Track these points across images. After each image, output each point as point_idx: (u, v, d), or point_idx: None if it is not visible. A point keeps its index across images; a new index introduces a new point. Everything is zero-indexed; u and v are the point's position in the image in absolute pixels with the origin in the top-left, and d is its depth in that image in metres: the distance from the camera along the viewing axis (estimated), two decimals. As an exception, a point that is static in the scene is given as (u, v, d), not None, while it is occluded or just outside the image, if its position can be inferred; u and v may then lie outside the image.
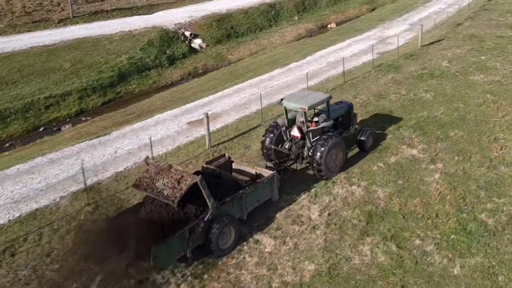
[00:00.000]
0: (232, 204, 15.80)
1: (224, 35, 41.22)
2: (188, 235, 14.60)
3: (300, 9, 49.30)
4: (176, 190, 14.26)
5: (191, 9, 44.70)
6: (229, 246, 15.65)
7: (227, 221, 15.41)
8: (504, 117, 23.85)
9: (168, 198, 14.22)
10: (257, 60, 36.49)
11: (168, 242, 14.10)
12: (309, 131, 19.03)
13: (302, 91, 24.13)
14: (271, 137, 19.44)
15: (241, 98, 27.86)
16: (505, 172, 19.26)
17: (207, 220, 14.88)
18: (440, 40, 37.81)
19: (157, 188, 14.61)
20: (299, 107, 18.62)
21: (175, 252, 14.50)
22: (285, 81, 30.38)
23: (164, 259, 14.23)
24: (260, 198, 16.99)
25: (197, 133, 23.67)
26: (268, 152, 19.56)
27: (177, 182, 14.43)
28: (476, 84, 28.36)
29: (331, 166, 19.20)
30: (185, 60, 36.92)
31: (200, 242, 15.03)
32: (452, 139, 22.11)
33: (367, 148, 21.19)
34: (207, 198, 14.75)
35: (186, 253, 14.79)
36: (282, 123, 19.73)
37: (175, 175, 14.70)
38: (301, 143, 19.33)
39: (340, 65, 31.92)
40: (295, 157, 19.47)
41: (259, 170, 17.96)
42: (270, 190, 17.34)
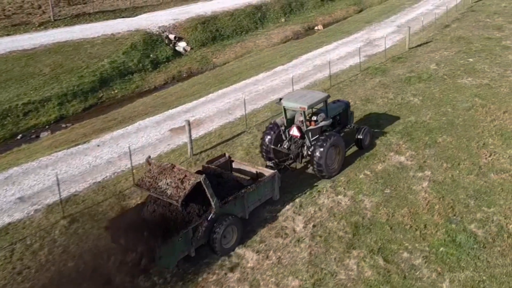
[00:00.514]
0: (235, 203, 15.78)
1: (209, 38, 40.54)
2: (192, 235, 14.60)
3: (286, 11, 48.73)
4: (179, 189, 14.25)
5: (176, 11, 43.96)
6: (232, 245, 15.63)
7: (230, 221, 15.40)
8: (493, 122, 23.39)
9: (172, 197, 14.19)
10: (243, 63, 35.85)
11: (172, 242, 14.07)
12: (309, 130, 19.00)
13: (300, 90, 24.32)
14: (270, 137, 19.39)
15: (225, 104, 27.19)
16: (494, 179, 18.75)
17: (210, 220, 14.90)
18: (427, 42, 37.38)
19: (160, 188, 14.60)
20: (299, 107, 18.60)
21: (179, 252, 14.45)
22: (270, 85, 29.76)
23: (168, 259, 14.19)
24: (262, 197, 16.97)
25: (179, 140, 22.97)
26: (267, 151, 19.51)
27: (181, 181, 14.44)
28: (465, 87, 27.91)
29: (331, 164, 19.20)
30: (169, 63, 36.18)
31: (203, 241, 15.01)
32: (440, 145, 21.60)
33: (365, 146, 21.23)
34: (211, 198, 14.73)
35: (189, 252, 14.73)
36: (281, 123, 19.72)
37: (178, 174, 14.70)
38: (300, 143, 19.34)
39: (326, 68, 31.36)
40: (294, 156, 19.45)
41: (260, 169, 17.95)
42: (271, 189, 17.32)
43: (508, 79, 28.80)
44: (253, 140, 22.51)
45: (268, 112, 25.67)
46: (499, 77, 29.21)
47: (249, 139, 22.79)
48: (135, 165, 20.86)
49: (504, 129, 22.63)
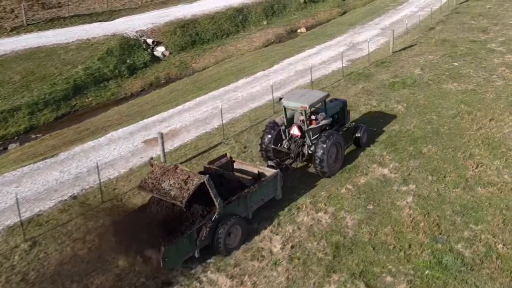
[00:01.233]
0: (238, 203, 15.76)
1: (189, 42, 39.38)
2: (196, 236, 14.59)
3: (269, 13, 47.70)
4: (183, 190, 14.22)
5: (154, 15, 42.73)
6: (236, 245, 15.57)
7: (234, 221, 15.37)
8: (479, 130, 22.56)
9: (176, 198, 14.16)
10: (222, 68, 34.76)
11: (177, 242, 14.01)
12: (309, 129, 19.01)
13: (300, 89, 24.58)
14: (270, 136, 19.32)
15: (203, 113, 26.11)
16: (481, 193, 17.89)
17: (214, 220, 14.88)
18: (412, 45, 36.58)
19: (163, 189, 14.56)
20: (300, 106, 18.60)
21: (183, 253, 14.45)
22: (250, 92, 28.73)
23: (173, 260, 14.13)
24: (264, 197, 16.92)
25: (153, 152, 21.85)
26: (267, 151, 19.46)
27: (184, 182, 14.39)
28: (450, 93, 27.10)
29: (332, 163, 19.21)
30: (146, 69, 34.98)
31: (207, 242, 14.97)
32: (425, 156, 20.72)
33: (363, 144, 21.29)
34: (214, 198, 14.71)
35: (194, 253, 14.70)
36: (281, 122, 19.66)
37: (181, 175, 14.64)
38: (301, 142, 19.28)
39: (309, 74, 30.42)
40: (295, 155, 19.31)
41: (262, 169, 17.91)
42: (273, 188, 17.25)
43: (494, 84, 28.05)
44: (230, 152, 21.41)
45: (247, 122, 24.65)
46: (484, 82, 28.44)
47: (226, 151, 21.66)
48: (105, 181, 19.80)
49: (490, 138, 21.81)
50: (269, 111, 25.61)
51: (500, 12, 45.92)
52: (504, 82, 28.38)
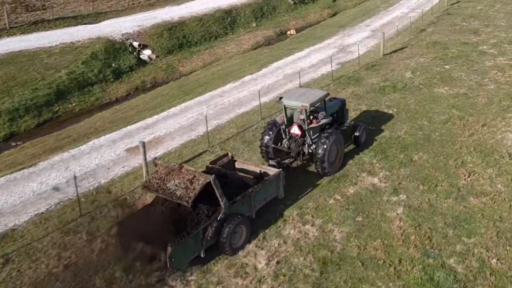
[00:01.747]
0: (242, 202, 15.70)
1: (176, 45, 38.65)
2: (202, 235, 14.53)
3: (258, 15, 47.02)
4: (189, 190, 14.18)
5: (141, 17, 41.95)
6: (241, 245, 15.53)
7: (239, 220, 15.30)
8: (471, 137, 21.98)
9: (182, 198, 14.12)
10: (210, 72, 34.03)
11: (184, 242, 13.92)
12: (310, 128, 19.01)
13: (299, 89, 24.57)
14: (270, 136, 19.29)
15: (188, 119, 25.38)
16: (474, 204, 17.27)
17: (219, 220, 14.82)
18: (403, 48, 36.01)
19: (169, 189, 14.49)
20: (301, 105, 18.59)
21: (190, 253, 14.38)
22: (237, 97, 28.02)
23: (180, 260, 14.05)
24: (267, 196, 16.86)
25: (136, 161, 21.10)
26: (267, 150, 19.40)
27: (190, 182, 14.34)
28: (441, 97, 26.52)
29: (333, 162, 19.17)
30: (132, 73, 34.22)
31: (212, 242, 14.91)
32: (416, 164, 20.10)
33: (361, 143, 21.24)
34: (220, 197, 14.66)
35: (200, 253, 14.63)
36: (281, 122, 19.63)
37: (186, 175, 14.58)
38: (301, 141, 19.27)
39: (298, 77, 29.80)
40: (295, 154, 19.31)
41: (264, 168, 17.81)
42: (276, 188, 17.17)
43: (486, 88, 27.50)
44: (216, 161, 20.73)
45: (233, 128, 23.94)
46: (476, 86, 27.89)
47: (211, 159, 20.93)
48: (84, 192, 19.04)
49: (483, 145, 21.23)
50: (256, 117, 24.94)
51: (491, 13, 45.48)
52: (496, 85, 27.84)
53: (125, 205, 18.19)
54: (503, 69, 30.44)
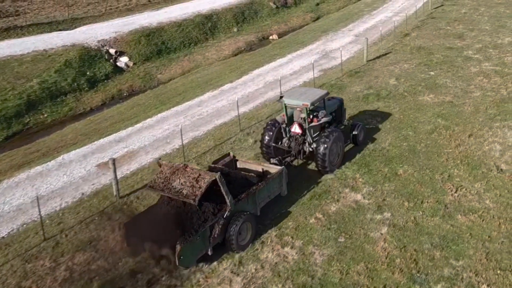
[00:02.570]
0: (247, 200, 15.80)
1: (154, 52, 37.48)
2: (209, 233, 14.64)
3: (239, 20, 46.00)
4: (195, 188, 14.29)
5: (118, 23, 40.72)
6: (247, 242, 15.63)
7: (245, 217, 15.41)
8: (458, 148, 21.13)
9: (188, 197, 14.23)
10: (188, 80, 32.93)
11: (192, 240, 14.01)
12: (310, 127, 19.16)
13: (300, 88, 25.12)
14: (270, 135, 19.44)
15: (164, 131, 24.28)
16: (462, 222, 16.38)
17: (226, 217, 14.93)
18: (387, 53, 35.21)
19: (174, 188, 14.63)
20: (302, 104, 18.71)
21: (197, 251, 14.48)
22: (216, 107, 26.97)
23: (188, 258, 14.17)
24: (271, 194, 16.97)
25: (107, 178, 19.97)
26: (267, 149, 19.54)
27: (195, 180, 14.47)
28: (426, 105, 25.70)
29: (333, 160, 19.28)
30: (108, 81, 33.00)
31: (220, 239, 15.03)
32: (401, 178, 19.20)
33: (360, 142, 21.31)
34: (226, 195, 14.78)
35: (207, 251, 14.76)
36: (281, 120, 19.73)
37: (192, 173, 14.72)
38: (301, 139, 19.41)
39: (279, 85, 28.86)
40: (296, 153, 19.47)
41: (266, 166, 17.86)
42: (279, 185, 17.27)
43: (471, 96, 26.74)
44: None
45: (210, 141, 22.90)
46: (462, 93, 27.13)
47: (187, 175, 19.90)
48: (50, 213, 17.88)
49: (470, 157, 20.39)
50: (234, 128, 23.93)
51: (476, 17, 44.91)
52: (481, 92, 27.09)
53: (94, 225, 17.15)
54: (489, 75, 29.74)
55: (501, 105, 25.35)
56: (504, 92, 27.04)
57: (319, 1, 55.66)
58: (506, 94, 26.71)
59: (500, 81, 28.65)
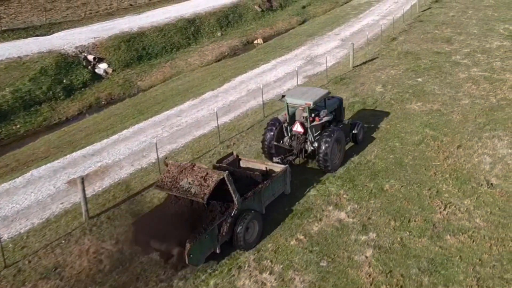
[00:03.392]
0: (253, 198, 15.88)
1: (135, 58, 36.33)
2: (218, 231, 14.71)
3: (223, 24, 44.93)
4: (203, 187, 14.43)
5: (98, 28, 39.51)
6: (254, 240, 15.73)
7: (252, 215, 15.54)
8: (446, 160, 20.25)
9: (197, 195, 14.36)
10: (169, 88, 31.80)
11: (201, 239, 14.03)
12: (312, 126, 19.30)
13: (302, 87, 25.42)
14: (272, 134, 19.54)
15: (140, 143, 23.19)
16: (451, 243, 15.45)
17: (233, 215, 15.00)
18: (373, 58, 34.33)
19: (182, 187, 14.73)
20: (304, 103, 18.85)
21: (206, 249, 14.48)
22: (195, 116, 25.90)
23: (198, 256, 14.16)
24: (275, 192, 17.05)
25: (77, 196, 18.77)
26: (269, 148, 19.64)
27: (203, 179, 14.59)
28: (414, 114, 24.82)
29: (334, 159, 19.42)
30: (85, 89, 31.80)
31: (227, 237, 15.08)
32: (387, 193, 18.26)
33: (359, 141, 21.48)
34: (233, 194, 14.88)
35: (215, 249, 14.81)
36: (283, 119, 19.83)
37: (199, 172, 14.83)
38: (303, 138, 19.54)
39: (263, 93, 27.85)
40: (297, 152, 19.61)
41: (269, 165, 17.95)
42: (283, 183, 17.37)
43: (460, 103, 25.90)
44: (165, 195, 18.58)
45: (188, 154, 21.83)
46: (450, 101, 26.28)
47: (162, 193, 18.81)
48: (13, 236, 16.74)
49: (459, 170, 19.50)
50: (214, 140, 22.91)
51: (464, 20, 44.20)
52: (470, 100, 26.26)
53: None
54: (477, 81, 28.94)
55: (490, 113, 24.53)
56: (493, 99, 26.23)
57: (305, 4, 54.77)
58: (495, 102, 25.89)
59: (489, 88, 27.85)
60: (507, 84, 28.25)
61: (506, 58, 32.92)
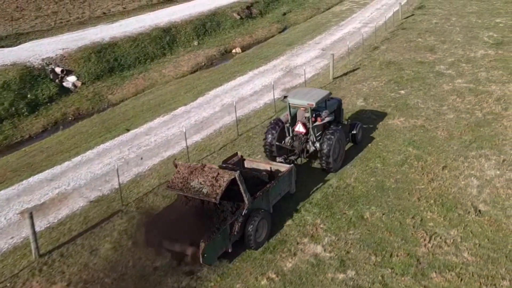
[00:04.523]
0: (262, 198, 15.98)
1: (106, 69, 34.64)
2: (230, 231, 14.84)
3: (200, 33, 43.38)
4: (215, 187, 14.52)
5: (68, 38, 37.72)
6: (263, 239, 15.84)
7: (262, 215, 15.68)
8: (431, 184, 18.89)
9: (209, 196, 14.48)
10: (140, 102, 30.15)
11: (214, 238, 14.13)
12: (314, 126, 19.55)
13: (303, 88, 25.78)
14: (274, 134, 19.68)
15: (104, 166, 21.56)
16: (437, 282, 14.05)
17: (244, 215, 15.15)
18: (354, 69, 33.00)
19: (193, 188, 14.82)
20: (307, 103, 19.03)
21: (219, 249, 14.59)
22: (165, 135, 24.32)
23: (211, 256, 14.27)
24: (281, 191, 17.20)
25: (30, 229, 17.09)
26: (270, 148, 19.81)
27: (215, 179, 14.68)
28: (396, 131, 23.49)
29: (336, 159, 19.57)
30: (52, 104, 30.06)
31: (237, 237, 15.19)
32: (367, 223, 16.84)
33: (359, 141, 21.79)
34: (244, 193, 14.99)
35: (227, 249, 14.88)
36: (285, 120, 19.98)
37: (210, 173, 14.91)
38: (304, 139, 19.71)
39: (238, 108, 26.40)
40: (299, 152, 19.77)
41: (274, 165, 18.03)
42: (289, 183, 17.55)
43: (445, 118, 24.63)
44: (127, 226, 17.01)
45: (155, 179, 20.25)
46: (434, 115, 24.99)
47: (123, 224, 17.25)
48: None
49: (444, 195, 18.15)
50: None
51: (447, 27, 43.09)
52: (455, 114, 25.00)
53: None
54: (462, 93, 27.71)
55: (476, 129, 23.26)
56: (479, 113, 24.99)
57: (286, 11, 53.46)
58: (481, 116, 24.65)
59: (474, 101, 26.62)
60: (493, 96, 27.05)
61: (491, 68, 31.77)
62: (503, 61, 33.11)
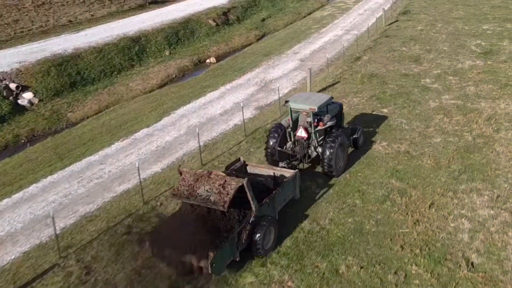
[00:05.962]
0: (268, 205, 15.62)
1: (67, 84, 31.98)
2: (237, 239, 14.44)
3: (172, 42, 40.81)
4: (223, 194, 14.17)
5: (26, 50, 34.94)
6: (270, 245, 15.42)
7: (269, 222, 15.28)
8: (416, 227, 16.60)
9: (217, 203, 14.13)
10: (100, 122, 27.52)
11: (223, 247, 13.74)
12: (316, 131, 19.33)
13: (305, 92, 25.67)
14: (276, 139, 19.40)
15: (47, 204, 19.02)
16: None
17: (251, 222, 14.75)
18: (334, 83, 30.72)
19: (200, 196, 14.46)
20: (309, 108, 18.89)
21: (227, 258, 14.19)
22: (121, 164, 21.83)
23: (220, 266, 13.87)
24: (286, 197, 16.86)
25: None
26: (272, 153, 19.50)
27: (222, 186, 14.32)
28: (378, 158, 21.25)
29: (338, 163, 19.36)
30: (4, 125, 27.34)
31: (245, 245, 14.74)
32: (343, 279, 14.51)
33: (360, 145, 21.54)
34: (251, 200, 14.67)
35: (235, 258, 14.51)
36: (286, 124, 19.78)
37: (217, 180, 14.53)
38: (306, 143, 19.51)
39: (205, 130, 24.05)
40: (301, 157, 19.50)
41: (278, 170, 17.66)
42: (293, 188, 17.22)
43: (431, 142, 22.43)
44: (64, 284, 14.53)
45: (102, 222, 17.74)
46: (420, 139, 22.78)
47: (59, 281, 14.75)
48: None
49: (431, 242, 15.87)
50: (137, 199, 18.89)
51: (433, 35, 40.95)
52: (442, 138, 22.80)
53: None
54: (450, 112, 25.52)
55: (466, 156, 21.05)
56: (468, 136, 22.79)
57: (265, 16, 51.15)
58: (471, 140, 22.46)
59: (463, 121, 24.43)
60: (483, 115, 24.88)
61: (480, 82, 29.64)
62: (492, 73, 31.02)
